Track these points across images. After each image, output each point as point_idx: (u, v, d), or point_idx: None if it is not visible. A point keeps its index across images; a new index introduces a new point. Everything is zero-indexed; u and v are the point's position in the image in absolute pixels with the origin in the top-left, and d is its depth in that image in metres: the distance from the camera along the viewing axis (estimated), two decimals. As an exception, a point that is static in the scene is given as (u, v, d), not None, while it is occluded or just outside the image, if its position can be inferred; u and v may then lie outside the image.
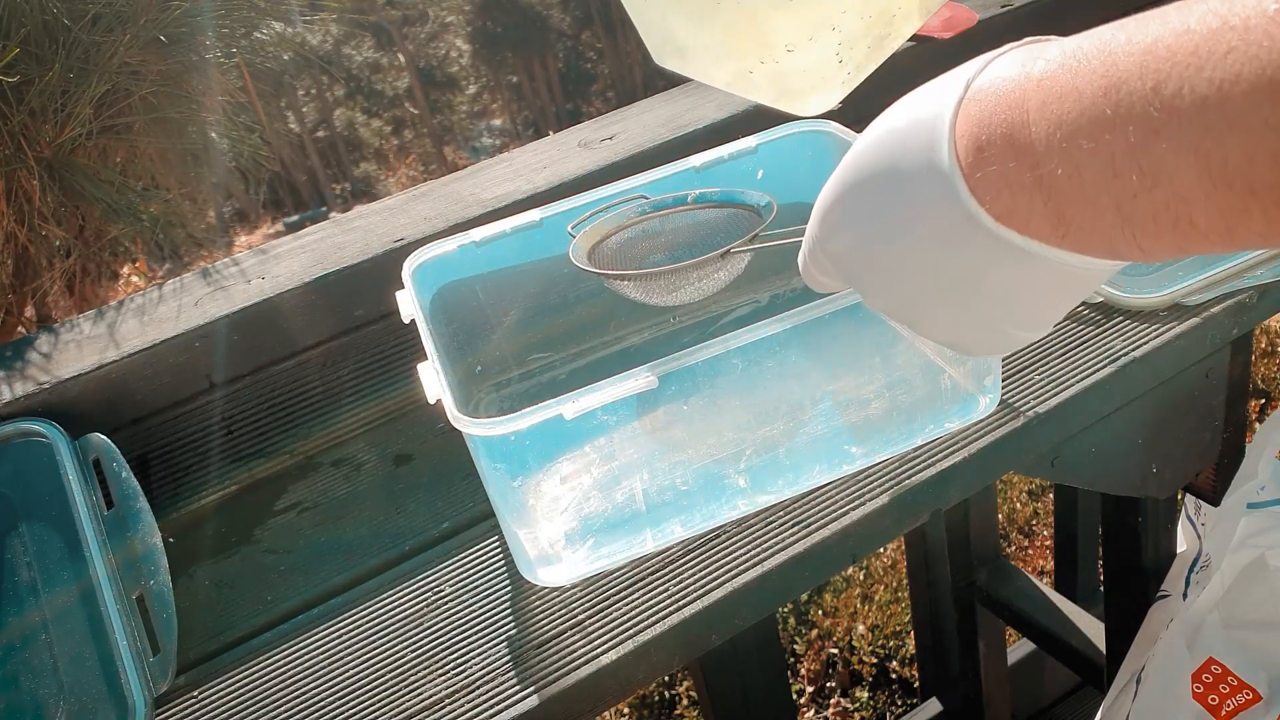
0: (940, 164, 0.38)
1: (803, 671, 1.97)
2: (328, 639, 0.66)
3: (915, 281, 0.43)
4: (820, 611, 2.07)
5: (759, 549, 0.64)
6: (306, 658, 0.65)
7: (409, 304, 0.73)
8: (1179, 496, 1.12)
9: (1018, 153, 0.36)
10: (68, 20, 1.33)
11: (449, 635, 0.64)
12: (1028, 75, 0.36)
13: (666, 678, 1.95)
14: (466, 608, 0.66)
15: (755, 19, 0.56)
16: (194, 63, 1.51)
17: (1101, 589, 1.38)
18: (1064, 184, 0.34)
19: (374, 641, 0.65)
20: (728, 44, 0.58)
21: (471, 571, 0.69)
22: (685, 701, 1.93)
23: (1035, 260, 0.38)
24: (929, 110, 0.39)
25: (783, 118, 0.85)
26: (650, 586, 0.64)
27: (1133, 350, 0.74)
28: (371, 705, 0.61)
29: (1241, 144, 0.29)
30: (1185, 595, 1.03)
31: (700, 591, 0.62)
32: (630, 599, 0.63)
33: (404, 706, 0.60)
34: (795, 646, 2.02)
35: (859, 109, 0.78)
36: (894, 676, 1.92)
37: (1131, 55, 0.32)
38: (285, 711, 0.62)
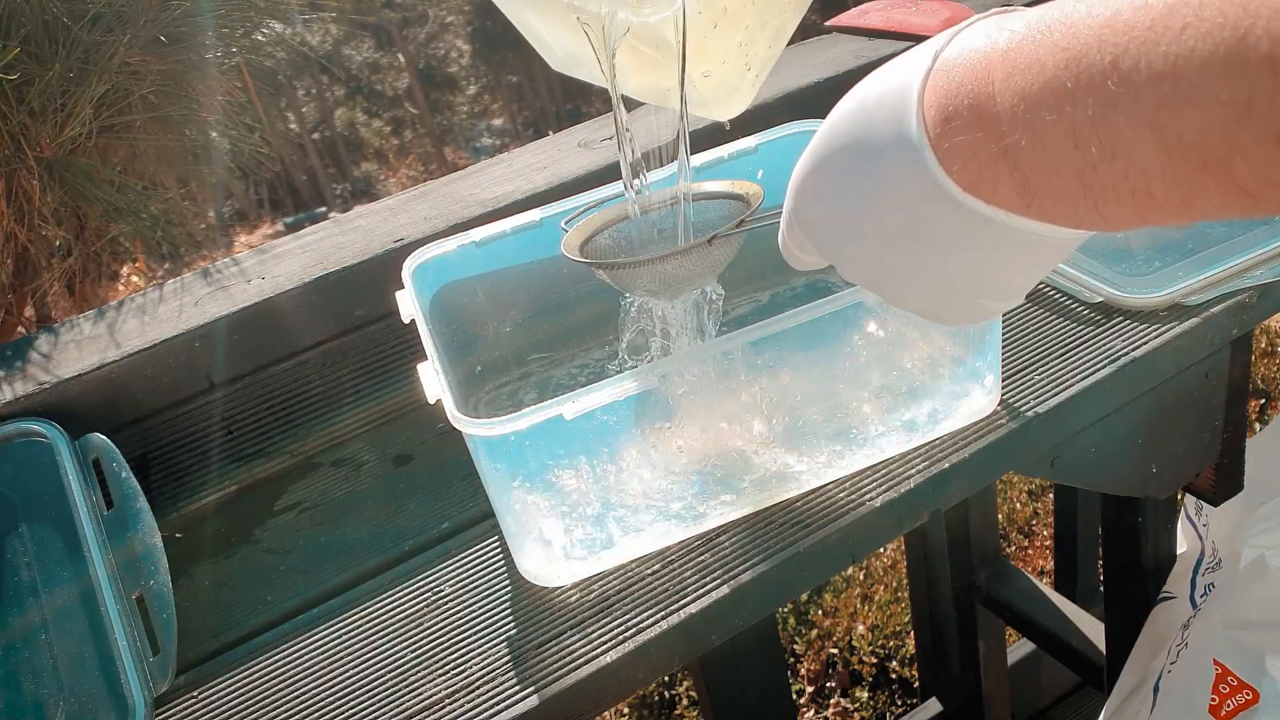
0: (909, 134, 0.39)
1: (803, 671, 1.97)
2: (328, 639, 0.66)
3: (887, 252, 0.43)
4: (820, 611, 2.07)
5: (759, 549, 0.64)
6: (306, 658, 0.65)
7: (409, 304, 0.73)
8: (1179, 496, 1.12)
9: (983, 123, 0.36)
10: (68, 20, 1.33)
11: (449, 635, 0.64)
12: (993, 46, 0.36)
13: (666, 678, 1.95)
14: (466, 608, 0.66)
15: (672, 56, 0.57)
16: (194, 63, 1.50)
17: (1101, 589, 1.38)
18: (1028, 154, 0.35)
19: (374, 641, 0.65)
20: (636, 65, 0.59)
21: (471, 571, 0.69)
22: (685, 701, 1.93)
23: (1002, 229, 0.39)
24: (898, 82, 0.40)
25: (784, 118, 0.85)
26: (650, 586, 0.64)
27: (1133, 350, 0.74)
28: (371, 705, 0.61)
29: (1195, 118, 0.30)
30: (1192, 598, 1.03)
31: (700, 591, 0.62)
32: (630, 599, 0.63)
33: (404, 706, 0.60)
34: (795, 646, 2.02)
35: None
36: (894, 676, 1.92)
37: (1091, 28, 0.32)
38: (285, 711, 0.62)
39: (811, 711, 1.90)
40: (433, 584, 0.69)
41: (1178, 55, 0.29)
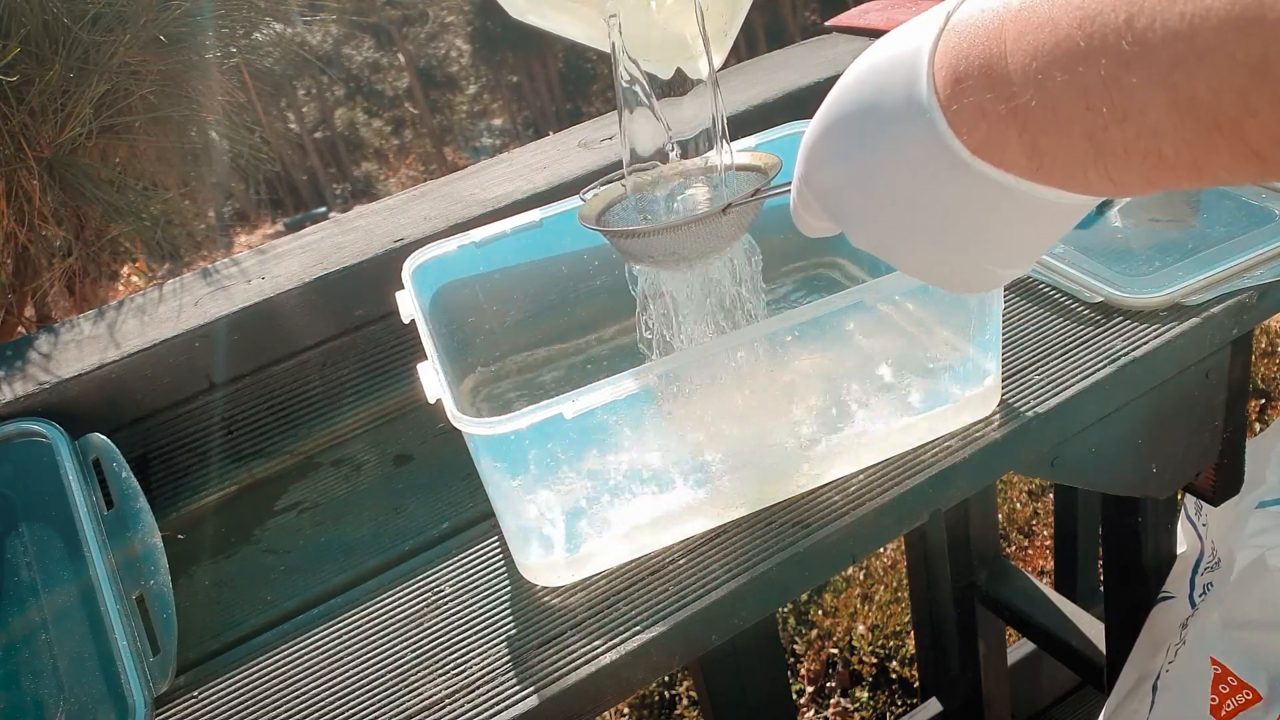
0: (919, 96, 0.38)
1: (803, 671, 1.97)
2: (328, 639, 0.66)
3: (896, 216, 0.43)
4: (820, 611, 2.07)
5: (759, 549, 0.64)
6: (306, 658, 0.65)
7: (409, 304, 0.73)
8: (1179, 496, 1.12)
9: (994, 83, 0.36)
10: (68, 20, 1.33)
11: (449, 635, 0.64)
12: (1006, 5, 0.36)
13: (666, 678, 1.95)
14: (466, 608, 0.66)
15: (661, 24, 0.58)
16: (194, 63, 1.50)
17: (1101, 589, 1.38)
18: (1038, 115, 0.35)
19: (374, 641, 0.65)
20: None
21: (471, 571, 0.69)
22: (685, 701, 1.93)
23: (1010, 193, 0.38)
24: (909, 44, 0.39)
25: (784, 118, 0.85)
26: (650, 586, 0.64)
27: (1133, 350, 0.74)
28: (371, 705, 0.61)
29: (1209, 78, 0.29)
30: (1191, 598, 1.03)
31: (700, 591, 0.62)
32: (630, 599, 0.63)
33: (404, 706, 0.60)
34: (795, 646, 2.02)
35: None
36: (894, 676, 1.92)
37: None
38: (285, 711, 0.62)
39: (811, 711, 1.90)
40: (433, 584, 0.69)
41: (1194, 14, 0.29)
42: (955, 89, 0.37)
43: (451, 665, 0.62)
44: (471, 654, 0.63)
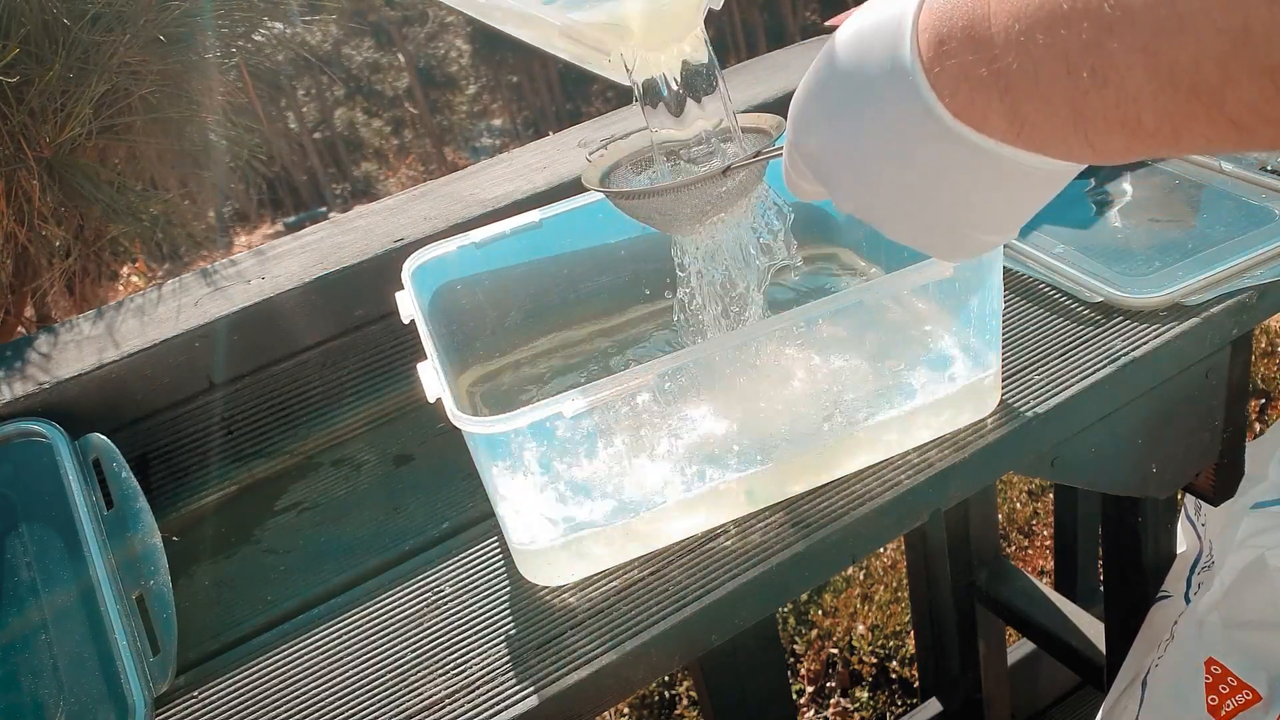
0: (902, 60, 0.38)
1: (803, 671, 1.97)
2: (328, 639, 0.66)
3: (880, 181, 0.43)
4: (820, 611, 2.07)
5: (759, 549, 0.64)
6: (306, 658, 0.65)
7: (409, 304, 0.73)
8: (1179, 496, 1.12)
9: (977, 46, 0.36)
10: (68, 20, 1.33)
11: (449, 635, 0.64)
12: None
13: (666, 678, 1.95)
14: (466, 608, 0.66)
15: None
16: (194, 63, 1.50)
17: (1101, 589, 1.38)
18: (1019, 78, 0.35)
19: (374, 641, 0.65)
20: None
21: (471, 571, 0.69)
22: (685, 701, 1.93)
23: (992, 158, 0.38)
24: (894, 8, 0.39)
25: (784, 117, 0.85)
26: (650, 586, 0.64)
27: (1133, 350, 0.74)
28: (371, 705, 0.61)
29: (1190, 45, 0.29)
30: (1187, 596, 1.03)
31: (700, 591, 0.62)
32: (630, 599, 0.63)
33: (404, 706, 0.60)
34: (795, 646, 2.02)
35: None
36: (894, 676, 1.92)
37: None
38: (285, 711, 0.62)
39: (811, 711, 1.90)
40: (433, 584, 0.69)
41: None
42: (938, 51, 0.37)
43: (451, 665, 0.62)
44: (471, 654, 0.63)
